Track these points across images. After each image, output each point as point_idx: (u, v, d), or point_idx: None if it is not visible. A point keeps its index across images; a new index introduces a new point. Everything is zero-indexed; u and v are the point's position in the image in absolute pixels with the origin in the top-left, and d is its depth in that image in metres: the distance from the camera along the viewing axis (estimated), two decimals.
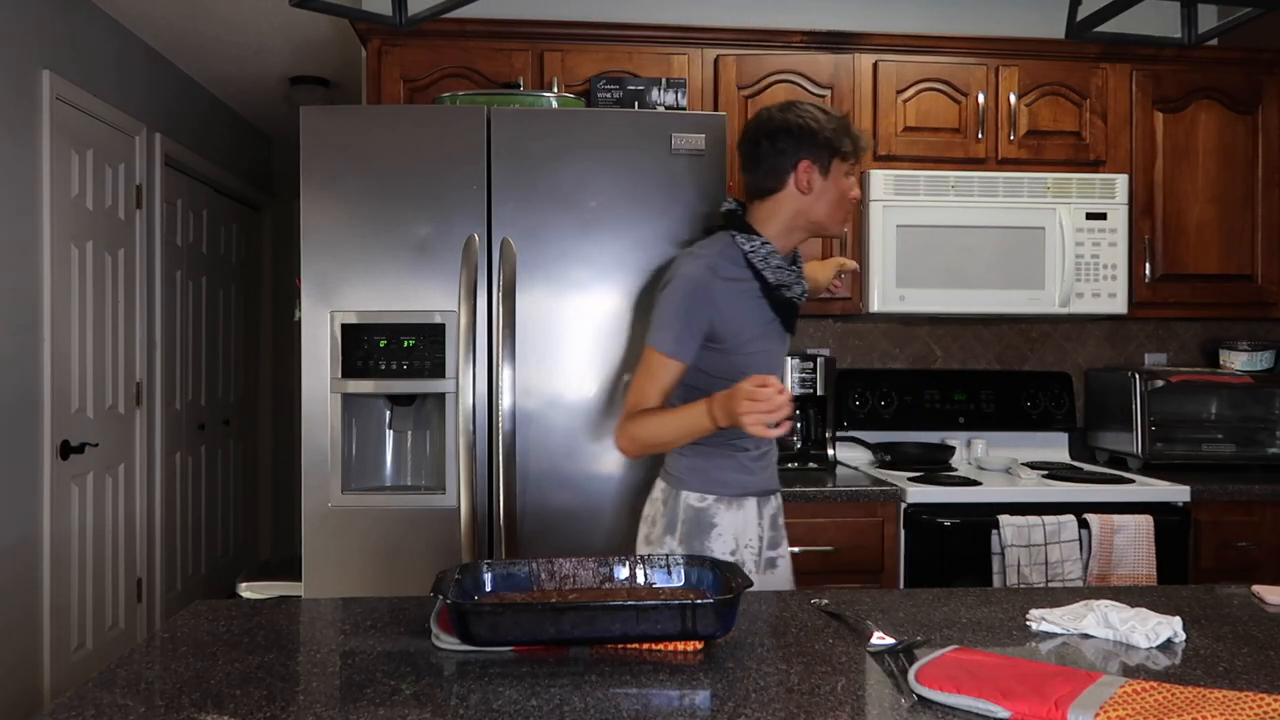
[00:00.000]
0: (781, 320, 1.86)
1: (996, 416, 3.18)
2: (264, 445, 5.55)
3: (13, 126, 2.95)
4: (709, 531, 1.83)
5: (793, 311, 1.88)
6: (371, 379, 2.28)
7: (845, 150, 1.79)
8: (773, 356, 1.88)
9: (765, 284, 1.81)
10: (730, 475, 1.86)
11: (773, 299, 1.82)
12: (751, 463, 1.88)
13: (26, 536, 3.03)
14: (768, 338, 1.84)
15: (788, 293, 1.85)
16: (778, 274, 1.81)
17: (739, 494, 1.86)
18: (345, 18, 1.68)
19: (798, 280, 1.87)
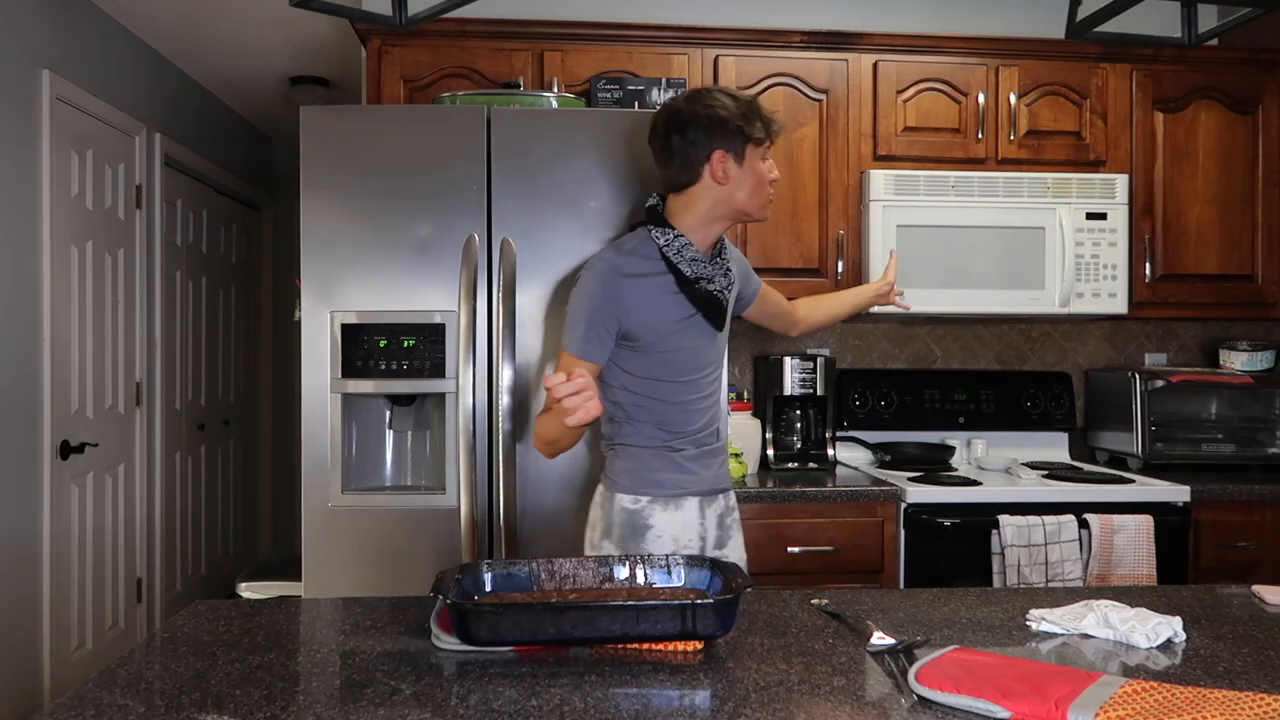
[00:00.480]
0: (705, 315, 1.78)
1: (996, 416, 3.18)
2: (264, 445, 5.55)
3: (13, 126, 2.95)
4: (644, 534, 1.80)
5: (716, 306, 1.80)
6: (371, 379, 2.27)
7: (758, 135, 1.74)
8: (700, 353, 1.81)
9: (681, 277, 1.75)
10: (665, 475, 1.81)
11: (691, 293, 1.76)
12: (689, 462, 1.83)
13: (26, 536, 3.03)
14: (689, 334, 1.78)
15: (709, 286, 1.78)
16: (694, 267, 1.76)
17: (676, 494, 1.81)
18: (345, 18, 1.68)
19: (723, 274, 1.81)
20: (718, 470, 1.89)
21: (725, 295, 1.81)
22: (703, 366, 1.82)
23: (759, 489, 2.55)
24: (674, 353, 1.77)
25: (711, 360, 1.85)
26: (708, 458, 1.86)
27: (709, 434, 1.86)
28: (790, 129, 2.90)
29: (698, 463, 1.84)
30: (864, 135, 2.92)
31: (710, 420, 1.86)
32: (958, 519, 2.56)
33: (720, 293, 1.80)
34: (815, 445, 3.02)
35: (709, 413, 1.86)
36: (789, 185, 2.89)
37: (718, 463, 1.89)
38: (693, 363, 1.80)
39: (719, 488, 1.89)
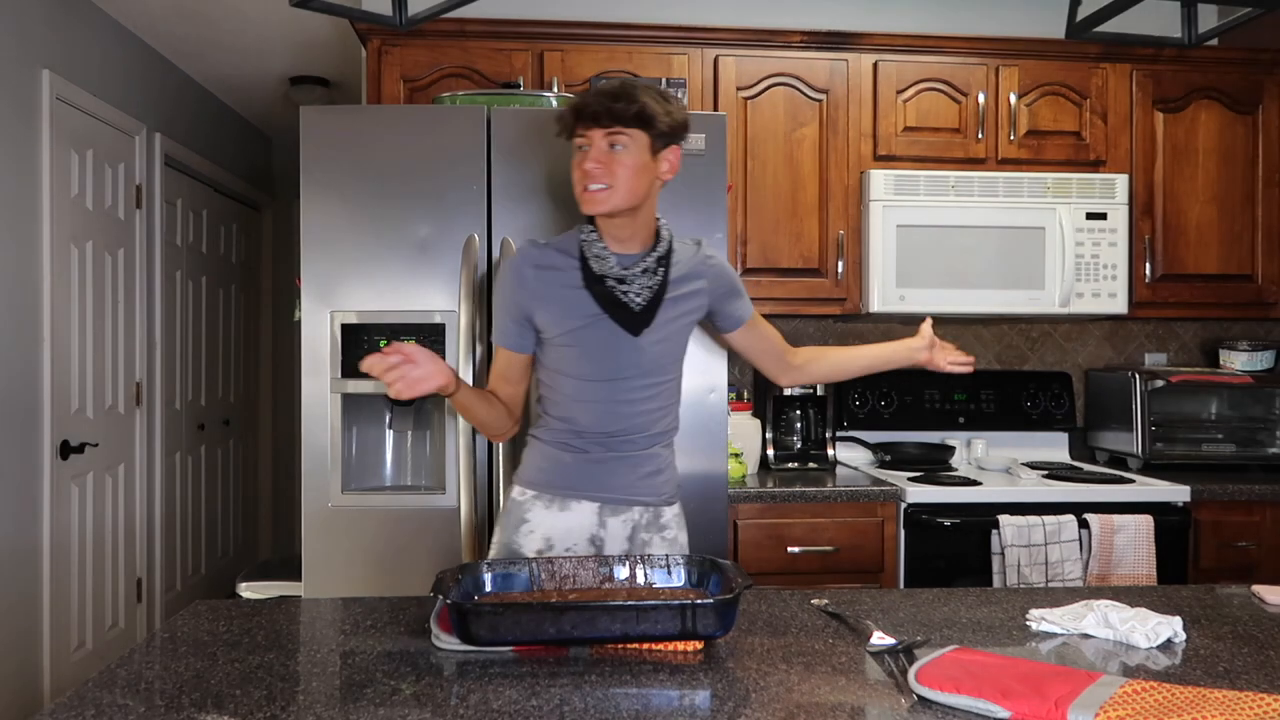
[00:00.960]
0: (614, 317, 1.68)
1: (996, 416, 3.18)
2: (264, 445, 5.55)
3: (13, 126, 2.95)
4: (519, 527, 1.75)
5: (624, 310, 1.68)
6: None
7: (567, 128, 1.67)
8: (616, 355, 1.70)
9: (589, 274, 1.68)
10: (556, 473, 1.75)
11: (595, 291, 1.67)
12: (592, 465, 1.73)
13: (26, 536, 3.03)
14: (597, 334, 1.69)
15: (619, 287, 1.67)
16: (601, 264, 1.68)
17: (564, 495, 1.74)
18: (345, 18, 1.68)
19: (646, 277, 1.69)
20: (640, 480, 1.76)
21: (637, 300, 1.68)
22: (621, 370, 1.70)
23: (759, 489, 2.55)
24: (577, 350, 1.70)
25: (633, 366, 1.71)
26: (624, 465, 1.74)
27: (631, 440, 1.74)
28: (790, 129, 2.90)
29: (605, 467, 1.74)
30: (864, 135, 2.92)
31: (637, 428, 1.74)
32: (958, 519, 2.56)
33: (631, 296, 1.68)
34: (815, 445, 3.02)
35: (636, 419, 1.74)
36: (789, 185, 2.89)
37: (637, 473, 1.75)
38: (606, 365, 1.70)
39: (636, 499, 1.76)
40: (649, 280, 1.70)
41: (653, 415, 1.76)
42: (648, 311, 1.70)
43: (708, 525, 2.31)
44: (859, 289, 2.90)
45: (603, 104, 1.61)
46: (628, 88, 1.63)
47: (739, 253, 2.87)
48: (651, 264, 1.70)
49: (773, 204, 2.89)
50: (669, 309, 1.73)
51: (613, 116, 1.61)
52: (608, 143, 1.63)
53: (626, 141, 1.63)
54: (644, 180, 1.65)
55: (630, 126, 1.62)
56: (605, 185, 1.62)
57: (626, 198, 1.64)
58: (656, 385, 1.75)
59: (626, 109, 1.61)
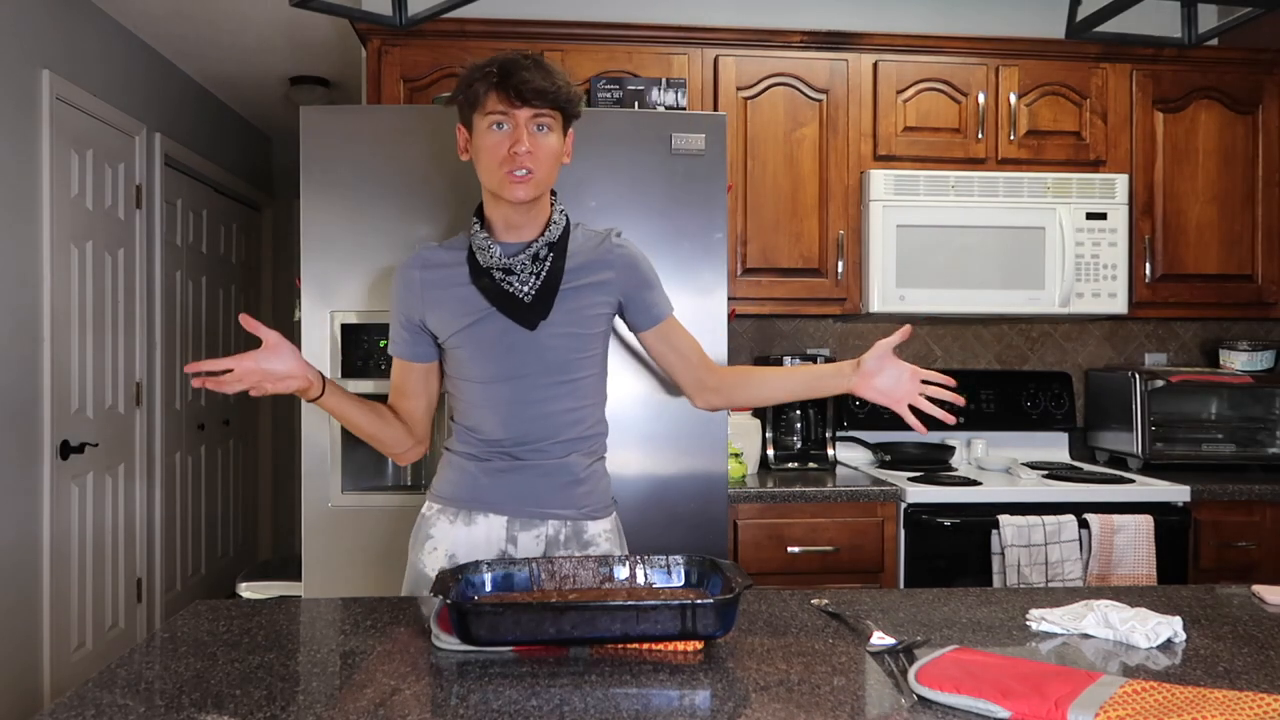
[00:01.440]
0: (506, 312, 1.56)
1: (996, 416, 3.18)
2: (264, 445, 5.55)
3: (13, 126, 2.95)
4: (423, 543, 1.66)
5: (514, 304, 1.56)
6: (371, 379, 2.27)
7: (479, 96, 1.51)
8: (512, 354, 1.58)
9: (475, 268, 1.57)
10: (458, 485, 1.65)
11: (482, 285, 1.56)
12: (493, 475, 1.62)
13: (26, 536, 3.03)
14: (489, 332, 1.57)
15: (505, 278, 1.56)
16: (486, 256, 1.56)
17: (467, 508, 1.63)
18: (345, 18, 1.68)
19: (532, 267, 1.56)
20: (553, 492, 1.62)
21: (525, 290, 1.56)
22: (520, 368, 1.58)
23: (759, 489, 2.55)
24: (470, 350, 1.59)
25: (534, 362, 1.59)
26: (533, 475, 1.61)
27: (540, 449, 1.61)
28: (790, 129, 2.90)
29: (512, 477, 1.61)
30: (864, 135, 2.92)
31: (546, 433, 1.61)
32: (958, 519, 2.56)
33: (521, 289, 1.55)
34: (815, 445, 3.02)
35: (542, 423, 1.60)
36: (789, 185, 2.89)
37: (555, 484, 1.62)
38: (498, 364, 1.58)
39: (550, 512, 1.63)
40: (537, 268, 1.56)
41: (562, 419, 1.61)
42: (540, 302, 1.56)
43: (708, 525, 2.31)
44: (859, 289, 2.90)
45: (534, 82, 1.47)
46: (540, 62, 1.51)
47: (739, 253, 2.88)
48: (541, 249, 1.56)
49: (773, 204, 2.89)
50: (569, 300, 1.59)
51: (543, 97, 1.49)
52: (534, 124, 1.51)
53: (551, 124, 1.53)
54: (558, 165, 1.57)
55: (555, 108, 1.52)
56: (529, 170, 1.50)
57: (546, 183, 1.55)
58: (564, 384, 1.61)
59: (557, 91, 1.50)
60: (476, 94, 1.51)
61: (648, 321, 1.68)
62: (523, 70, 1.48)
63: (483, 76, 1.50)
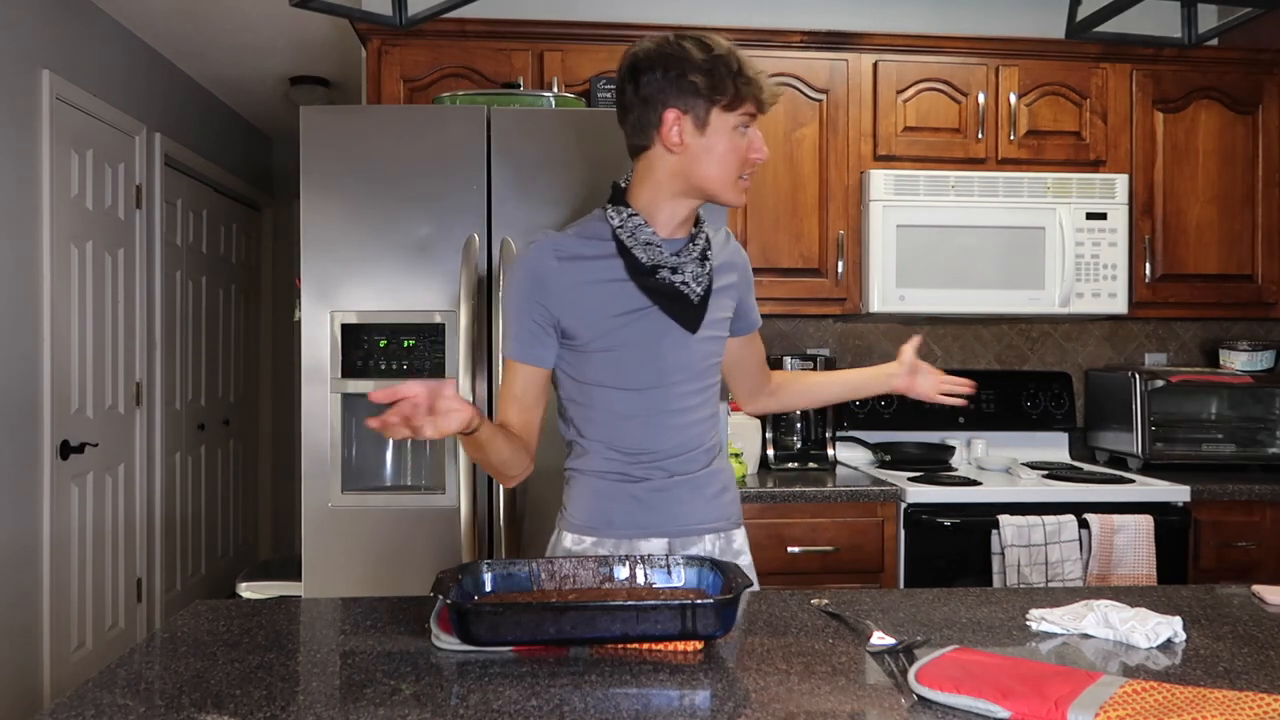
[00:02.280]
0: (667, 310, 1.47)
1: (996, 416, 3.18)
2: (264, 445, 5.55)
3: (13, 126, 2.95)
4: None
5: (681, 301, 1.48)
6: (371, 379, 2.28)
7: (725, 99, 1.42)
8: (663, 357, 1.49)
9: (634, 263, 1.45)
10: (619, 511, 1.52)
11: (645, 283, 1.46)
12: (654, 494, 1.52)
13: (26, 536, 3.03)
14: (642, 331, 1.47)
15: (672, 276, 1.47)
16: (650, 252, 1.46)
17: (630, 534, 1.53)
18: (345, 18, 1.68)
19: (696, 263, 1.49)
20: (704, 505, 1.56)
21: (696, 290, 1.49)
22: (668, 375, 1.50)
23: (759, 489, 2.55)
24: (620, 352, 1.47)
25: (684, 368, 1.51)
26: (685, 489, 1.54)
27: (687, 459, 1.54)
28: (790, 129, 2.90)
29: (668, 495, 1.53)
30: (864, 135, 2.93)
31: (689, 442, 1.54)
32: (958, 519, 2.56)
33: (687, 285, 1.48)
34: (815, 445, 3.02)
35: (688, 432, 1.54)
36: (789, 185, 2.89)
37: (704, 496, 1.56)
38: (652, 368, 1.49)
39: (708, 526, 1.57)
40: (700, 269, 1.50)
41: (705, 425, 1.56)
42: (703, 303, 1.50)
43: None
44: (859, 289, 2.90)
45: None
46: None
47: None
48: (699, 252, 1.51)
49: (773, 204, 2.89)
50: (716, 301, 1.54)
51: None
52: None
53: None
54: None
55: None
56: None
57: None
58: (706, 391, 1.55)
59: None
60: (732, 90, 1.42)
61: (744, 328, 1.68)
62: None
63: (737, 74, 1.42)
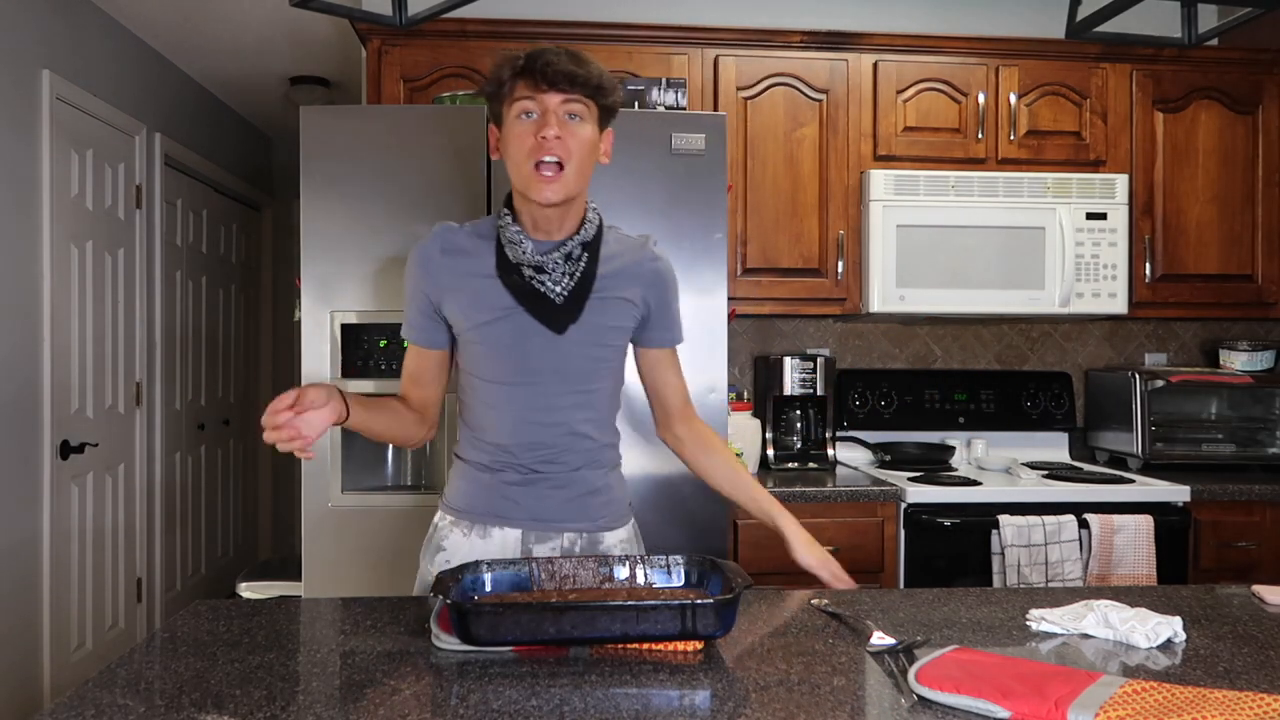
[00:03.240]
0: (531, 311, 1.48)
1: (996, 416, 3.19)
2: (264, 445, 5.55)
3: (13, 126, 2.95)
4: (434, 555, 1.60)
5: (543, 303, 1.47)
6: (371, 379, 2.28)
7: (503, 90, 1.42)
8: (529, 357, 1.50)
9: (502, 261, 1.48)
10: (473, 495, 1.57)
11: (509, 281, 1.47)
12: (510, 486, 1.54)
13: (26, 536, 3.03)
14: (507, 328, 1.49)
15: (536, 276, 1.47)
16: (513, 250, 1.47)
17: (484, 520, 1.56)
18: (345, 18, 1.68)
19: (565, 267, 1.48)
20: (562, 505, 1.56)
21: (557, 290, 1.48)
22: (533, 374, 1.50)
23: None
24: (488, 346, 1.50)
25: (553, 369, 1.51)
26: (548, 488, 1.55)
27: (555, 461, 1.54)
28: (790, 129, 2.90)
29: (523, 490, 1.54)
30: (864, 135, 2.92)
31: (560, 444, 1.54)
32: (958, 519, 2.56)
33: (546, 285, 1.48)
34: (815, 445, 3.02)
35: (556, 431, 1.53)
36: (789, 185, 2.89)
37: (563, 496, 1.56)
38: (516, 365, 1.50)
39: (568, 525, 1.56)
40: (570, 268, 1.49)
41: (575, 430, 1.55)
42: (572, 305, 1.49)
43: (708, 525, 2.31)
44: (859, 289, 2.90)
45: (564, 65, 1.39)
46: (573, 51, 1.43)
47: (739, 253, 2.88)
48: (574, 249, 1.49)
49: (773, 204, 2.89)
50: (598, 308, 1.52)
51: (573, 81, 1.40)
52: (565, 111, 1.41)
53: (583, 113, 1.43)
54: (591, 162, 1.47)
55: (588, 96, 1.42)
56: (558, 160, 1.41)
57: (577, 182, 1.45)
58: (581, 393, 1.54)
59: (589, 75, 1.41)
60: (502, 81, 1.43)
61: (653, 342, 1.63)
62: (550, 54, 1.40)
63: (509, 63, 1.43)
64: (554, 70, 1.39)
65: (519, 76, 1.41)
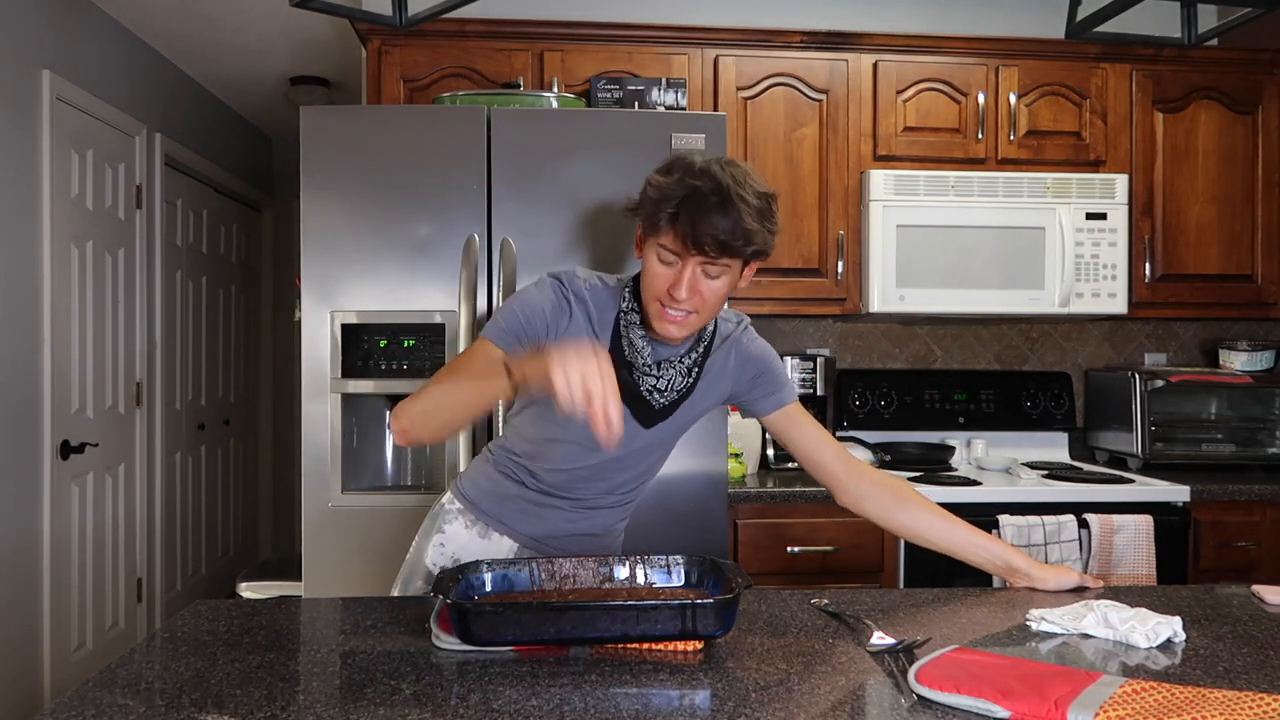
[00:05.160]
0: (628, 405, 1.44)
1: (996, 416, 3.19)
2: (264, 445, 5.55)
3: (13, 126, 2.95)
4: (433, 536, 1.62)
5: (644, 407, 1.48)
6: (371, 379, 2.28)
7: (656, 223, 1.36)
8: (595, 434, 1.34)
9: (617, 351, 1.46)
10: (491, 498, 1.59)
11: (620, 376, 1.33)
12: (522, 504, 1.58)
13: (27, 536, 3.03)
14: None
15: (641, 379, 1.47)
16: (632, 353, 1.46)
17: (488, 522, 1.60)
18: (345, 18, 1.68)
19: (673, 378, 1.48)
20: (573, 540, 1.60)
21: (659, 400, 1.49)
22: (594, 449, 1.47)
23: (759, 489, 2.55)
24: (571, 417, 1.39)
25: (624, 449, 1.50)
26: (562, 520, 1.59)
27: (578, 498, 1.58)
28: (790, 129, 2.90)
29: (539, 512, 1.59)
30: (864, 135, 2.92)
31: (593, 490, 1.58)
32: None
33: (652, 393, 1.48)
34: None
35: (595, 487, 1.58)
36: (789, 185, 2.89)
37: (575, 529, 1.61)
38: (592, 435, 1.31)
39: (570, 554, 1.56)
40: (681, 379, 1.49)
41: (617, 490, 1.60)
42: (668, 410, 1.51)
43: (708, 525, 2.31)
44: (859, 289, 2.90)
45: (718, 236, 1.32)
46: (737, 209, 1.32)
47: None
48: (692, 365, 1.50)
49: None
50: (687, 407, 1.54)
51: (723, 250, 1.34)
52: (704, 271, 1.37)
53: (725, 272, 1.38)
54: (726, 299, 1.43)
55: (734, 258, 1.37)
56: (690, 313, 1.39)
57: (707, 320, 1.43)
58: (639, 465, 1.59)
59: (743, 248, 1.34)
60: (656, 222, 1.36)
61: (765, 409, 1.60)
62: (710, 215, 1.31)
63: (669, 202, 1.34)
64: (708, 239, 1.32)
65: (666, 226, 1.35)
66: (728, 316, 1.59)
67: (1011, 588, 1.58)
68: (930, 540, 1.61)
